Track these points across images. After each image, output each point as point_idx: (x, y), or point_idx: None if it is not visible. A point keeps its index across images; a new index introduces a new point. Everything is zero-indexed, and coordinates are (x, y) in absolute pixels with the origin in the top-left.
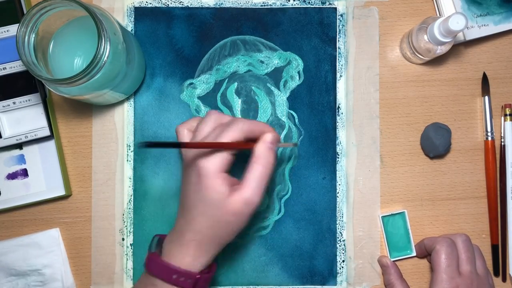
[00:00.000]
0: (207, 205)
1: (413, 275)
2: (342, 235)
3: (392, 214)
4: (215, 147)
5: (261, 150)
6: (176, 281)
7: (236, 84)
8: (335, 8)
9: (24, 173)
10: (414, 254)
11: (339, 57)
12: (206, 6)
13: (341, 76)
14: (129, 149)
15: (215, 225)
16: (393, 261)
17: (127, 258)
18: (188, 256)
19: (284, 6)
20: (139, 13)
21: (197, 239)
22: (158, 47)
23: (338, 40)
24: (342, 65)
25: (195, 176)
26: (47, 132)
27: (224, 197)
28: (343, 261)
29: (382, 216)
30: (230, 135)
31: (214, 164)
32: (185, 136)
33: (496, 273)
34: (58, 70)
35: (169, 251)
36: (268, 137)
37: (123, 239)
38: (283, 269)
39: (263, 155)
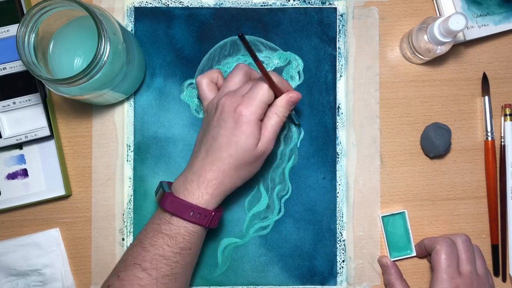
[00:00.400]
0: (240, 148)
1: (413, 275)
2: (342, 235)
3: (392, 214)
4: (269, 80)
5: (282, 104)
6: (193, 218)
7: None
8: (335, 8)
9: (24, 173)
10: (414, 254)
11: (339, 57)
12: (206, 6)
13: (341, 76)
14: (129, 149)
15: (241, 166)
16: (393, 261)
17: None
18: (206, 195)
19: (284, 6)
20: (139, 13)
21: (220, 178)
22: (158, 47)
23: (338, 40)
24: (342, 65)
25: (232, 121)
26: (47, 132)
27: (257, 142)
28: (343, 261)
29: (382, 216)
30: (264, 93)
31: (255, 113)
32: (205, 86)
33: (496, 273)
34: (58, 70)
35: (185, 190)
36: (291, 96)
37: (123, 239)
38: (283, 269)
39: (282, 108)
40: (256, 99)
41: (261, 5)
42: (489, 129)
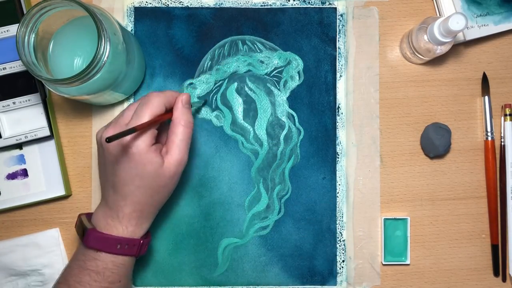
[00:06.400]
0: (145, 177)
1: (413, 275)
2: (342, 235)
3: (395, 219)
4: (146, 126)
5: (179, 112)
6: (122, 250)
7: (236, 84)
8: (335, 8)
9: (24, 173)
10: (408, 262)
11: (339, 57)
12: (206, 6)
13: (341, 76)
14: None
15: (154, 193)
16: (386, 264)
17: None
18: (130, 226)
19: (284, 6)
20: (139, 13)
21: (138, 209)
22: (158, 47)
23: (338, 40)
24: (342, 65)
25: (124, 155)
26: (47, 132)
27: (160, 166)
28: (343, 261)
29: (384, 218)
30: (150, 112)
31: (145, 141)
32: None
33: (496, 273)
34: (58, 70)
35: (107, 224)
36: (181, 99)
37: None
38: (283, 269)
39: (182, 116)
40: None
41: (261, 5)
42: (489, 129)
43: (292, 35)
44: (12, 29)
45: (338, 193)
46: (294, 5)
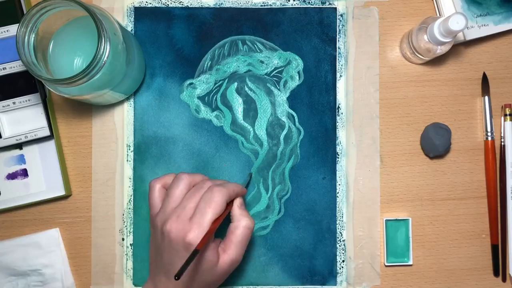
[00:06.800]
0: (200, 272)
1: (413, 275)
2: (342, 235)
3: (396, 220)
4: (214, 228)
5: (238, 213)
6: None
7: (236, 84)
8: (335, 8)
9: (24, 173)
10: (410, 262)
11: (339, 57)
12: (206, 6)
13: (341, 76)
14: (129, 149)
15: (208, 285)
16: (389, 265)
17: (127, 258)
18: None
19: (284, 6)
20: (139, 13)
21: None
22: (158, 47)
23: (338, 40)
24: (342, 65)
25: (184, 250)
26: (47, 132)
27: (216, 264)
28: (343, 261)
29: (386, 220)
30: (213, 213)
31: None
32: (157, 192)
33: (496, 273)
34: (58, 70)
35: None
36: (237, 204)
37: (123, 239)
38: (283, 269)
39: (242, 217)
40: (203, 225)
41: (261, 5)
42: (489, 129)
43: (292, 35)
44: (12, 29)
45: (338, 193)
46: (294, 5)
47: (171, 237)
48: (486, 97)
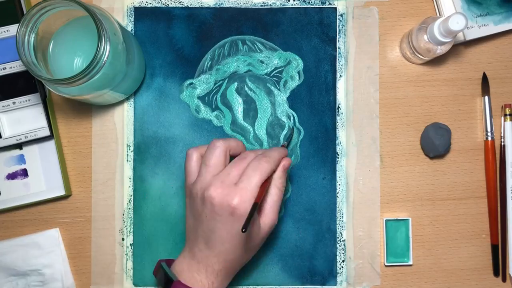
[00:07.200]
0: (244, 239)
1: (413, 275)
2: (342, 235)
3: (396, 220)
4: (262, 192)
5: (278, 175)
6: None
7: (236, 84)
8: (335, 8)
9: (24, 173)
10: (410, 262)
11: (339, 57)
12: (206, 6)
13: (341, 76)
14: (129, 149)
15: (248, 250)
16: (389, 265)
17: (127, 258)
18: (216, 282)
19: (284, 6)
20: (139, 13)
21: (227, 267)
22: (158, 47)
23: (338, 40)
24: (342, 65)
25: (228, 214)
26: (47, 132)
27: (259, 227)
28: (343, 261)
29: (386, 220)
30: (260, 178)
31: (251, 202)
32: (195, 161)
33: (496, 273)
34: (58, 70)
35: (192, 278)
36: (283, 165)
37: (123, 239)
38: (283, 269)
39: (279, 179)
40: (250, 190)
41: (261, 5)
42: (489, 129)
43: (292, 35)
44: (12, 29)
45: (338, 193)
46: (294, 5)
47: (214, 203)
48: (486, 97)
